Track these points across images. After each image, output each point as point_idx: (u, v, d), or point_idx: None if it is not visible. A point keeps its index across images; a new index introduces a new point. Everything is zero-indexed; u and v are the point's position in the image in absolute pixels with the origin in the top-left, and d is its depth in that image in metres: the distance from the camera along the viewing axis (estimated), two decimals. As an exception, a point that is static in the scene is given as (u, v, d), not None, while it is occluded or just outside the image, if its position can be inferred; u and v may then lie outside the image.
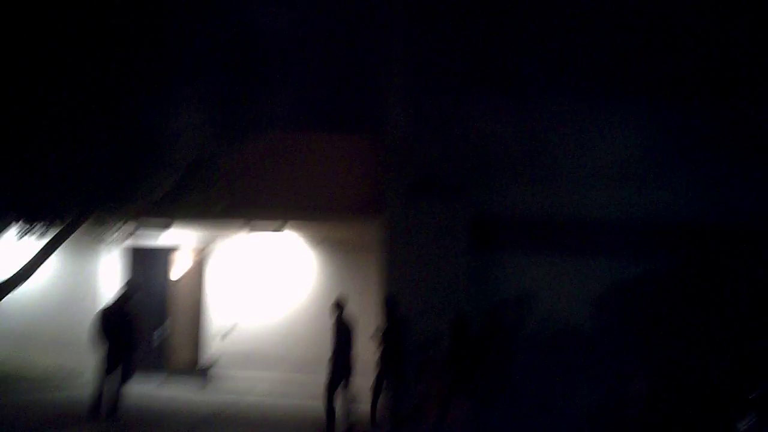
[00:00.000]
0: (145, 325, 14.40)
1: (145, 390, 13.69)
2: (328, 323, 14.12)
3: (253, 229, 14.76)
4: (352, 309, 13.89)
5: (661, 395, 10.59)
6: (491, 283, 11.20)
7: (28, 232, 12.58)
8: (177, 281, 15.88)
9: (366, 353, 11.36)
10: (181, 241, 15.23)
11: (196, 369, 14.84)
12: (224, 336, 14.71)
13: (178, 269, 15.78)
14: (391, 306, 10.91)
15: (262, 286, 14.76)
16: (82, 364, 14.40)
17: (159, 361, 14.89)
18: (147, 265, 15.43)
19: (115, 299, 11.31)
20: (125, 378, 11.00)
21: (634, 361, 10.88)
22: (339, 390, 10.48)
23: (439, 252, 11.23)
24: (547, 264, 11.21)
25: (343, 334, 10.66)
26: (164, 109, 12.01)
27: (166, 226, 14.65)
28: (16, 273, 13.16)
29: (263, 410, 11.98)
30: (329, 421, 10.22)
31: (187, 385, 14.38)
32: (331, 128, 14.37)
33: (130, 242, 14.65)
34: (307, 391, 13.91)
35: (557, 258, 11.26)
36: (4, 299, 13.23)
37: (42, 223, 12.44)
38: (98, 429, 10.14)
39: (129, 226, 13.96)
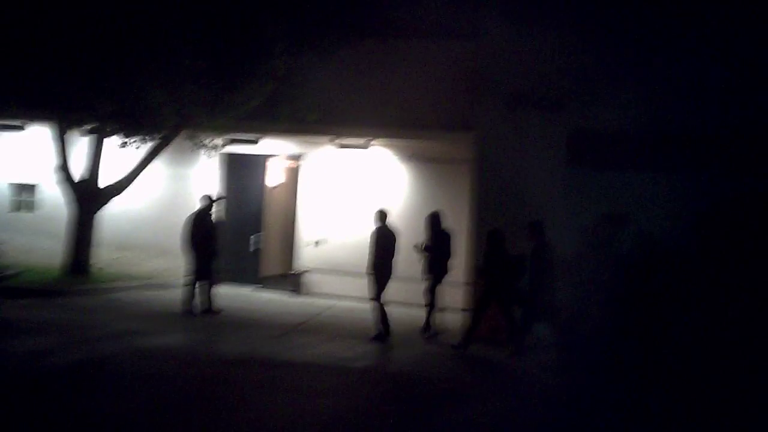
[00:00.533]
0: (241, 231, 14.98)
1: (241, 293, 14.33)
2: (417, 238, 14.39)
3: (342, 145, 14.89)
4: (446, 221, 14.10)
5: (759, 322, 10.35)
6: (585, 199, 10.98)
7: (129, 141, 13.09)
8: (271, 189, 16.32)
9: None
10: (275, 151, 15.50)
11: (288, 275, 15.31)
12: (317, 244, 15.07)
13: (272, 177, 16.20)
14: (433, 222, 11.37)
15: (352, 200, 14.93)
16: (181, 266, 15.14)
17: (254, 266, 15.40)
18: (242, 172, 15.81)
19: (200, 208, 12.00)
20: (211, 281, 11.84)
21: (731, 285, 10.61)
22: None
23: (534, 166, 11.01)
24: (644, 181, 10.87)
25: (386, 241, 10.82)
26: (256, 19, 12.10)
27: (258, 137, 14.96)
28: (119, 180, 13.80)
29: (350, 318, 12.30)
30: (382, 323, 10.63)
31: (279, 291, 14.89)
32: (423, 37, 14.21)
33: (226, 150, 14.98)
34: (392, 299, 14.26)
35: (654, 175, 10.89)
36: (107, 203, 13.95)
37: (142, 133, 12.93)
38: (193, 326, 10.65)
39: (223, 136, 14.34)
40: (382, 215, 10.98)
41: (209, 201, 12.04)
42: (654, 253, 10.61)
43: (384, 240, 10.78)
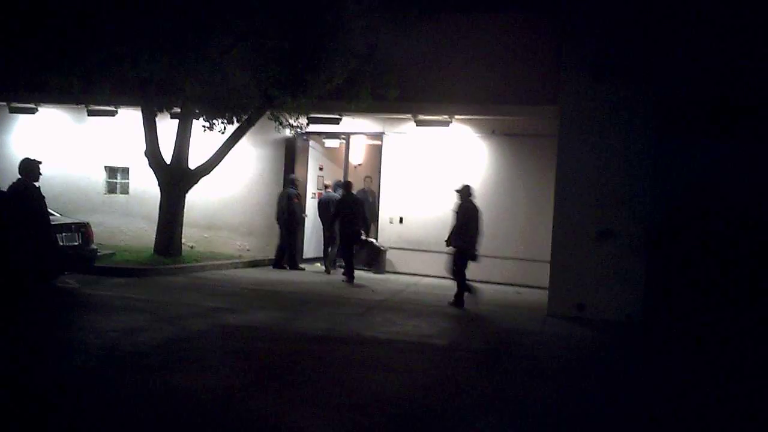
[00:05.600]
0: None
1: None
2: (499, 213, 14.21)
3: (423, 122, 14.80)
4: (527, 197, 13.90)
5: None
6: (676, 171, 10.55)
7: (215, 123, 13.37)
8: (354, 167, 16.48)
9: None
10: (357, 129, 15.58)
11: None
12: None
13: (354, 155, 16.36)
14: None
15: (433, 177, 14.83)
16: (266, 244, 15.43)
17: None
18: (323, 152, 16.04)
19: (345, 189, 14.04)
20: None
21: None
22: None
23: (621, 138, 10.64)
24: (739, 150, 10.34)
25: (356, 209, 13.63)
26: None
27: (340, 116, 15.03)
28: (207, 161, 14.14)
29: (432, 295, 12.26)
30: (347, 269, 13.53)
31: (361, 268, 15.01)
32: (505, 10, 13.95)
33: (306, 129, 15.16)
34: (479, 274, 14.13)
35: (749, 144, 10.33)
36: (196, 184, 14.34)
37: (227, 114, 13.18)
38: (278, 304, 10.87)
39: (306, 116, 14.47)
40: (347, 185, 13.93)
41: (346, 183, 14.23)
42: (750, 225, 10.16)
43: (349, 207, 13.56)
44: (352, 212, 13.48)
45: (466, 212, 11.24)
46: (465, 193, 11.38)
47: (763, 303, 10.03)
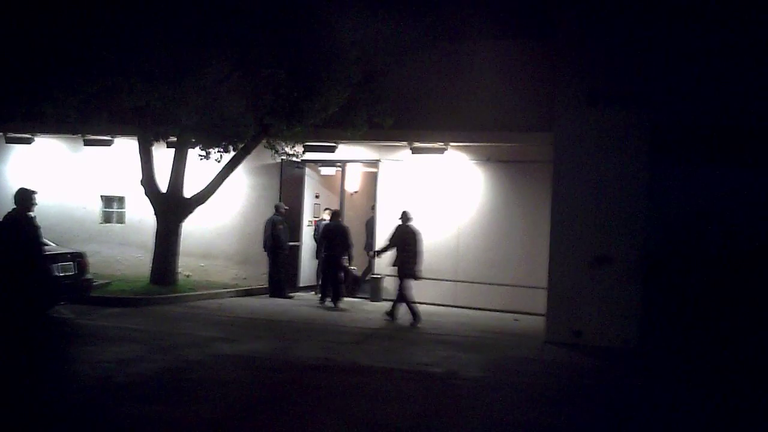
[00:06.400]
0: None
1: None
2: (496, 240, 14.21)
3: (418, 149, 14.82)
4: (523, 224, 13.88)
5: None
6: (670, 196, 10.55)
7: (211, 151, 13.39)
8: (351, 194, 16.46)
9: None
10: (353, 157, 15.58)
11: (367, 279, 15.36)
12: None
13: (350, 183, 16.36)
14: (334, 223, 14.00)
15: (429, 204, 14.79)
16: (261, 274, 15.34)
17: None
18: (320, 179, 16.07)
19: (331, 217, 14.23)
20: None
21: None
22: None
23: (615, 164, 10.64)
24: (733, 176, 10.34)
25: (336, 236, 13.76)
26: (332, 26, 12.19)
27: (336, 144, 15.06)
28: (202, 190, 14.14)
29: (428, 322, 12.19)
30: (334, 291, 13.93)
31: (357, 296, 15.00)
32: (498, 38, 14.04)
33: (302, 157, 15.18)
34: (475, 301, 14.13)
35: (743, 170, 10.35)
36: (192, 213, 14.32)
37: (223, 143, 13.21)
38: (275, 332, 10.80)
39: (302, 144, 14.50)
40: (336, 214, 14.07)
41: (337, 210, 14.48)
42: (744, 250, 10.15)
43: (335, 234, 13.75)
44: (333, 239, 13.80)
45: (401, 235, 12.37)
46: (403, 217, 12.55)
47: (760, 329, 9.99)
